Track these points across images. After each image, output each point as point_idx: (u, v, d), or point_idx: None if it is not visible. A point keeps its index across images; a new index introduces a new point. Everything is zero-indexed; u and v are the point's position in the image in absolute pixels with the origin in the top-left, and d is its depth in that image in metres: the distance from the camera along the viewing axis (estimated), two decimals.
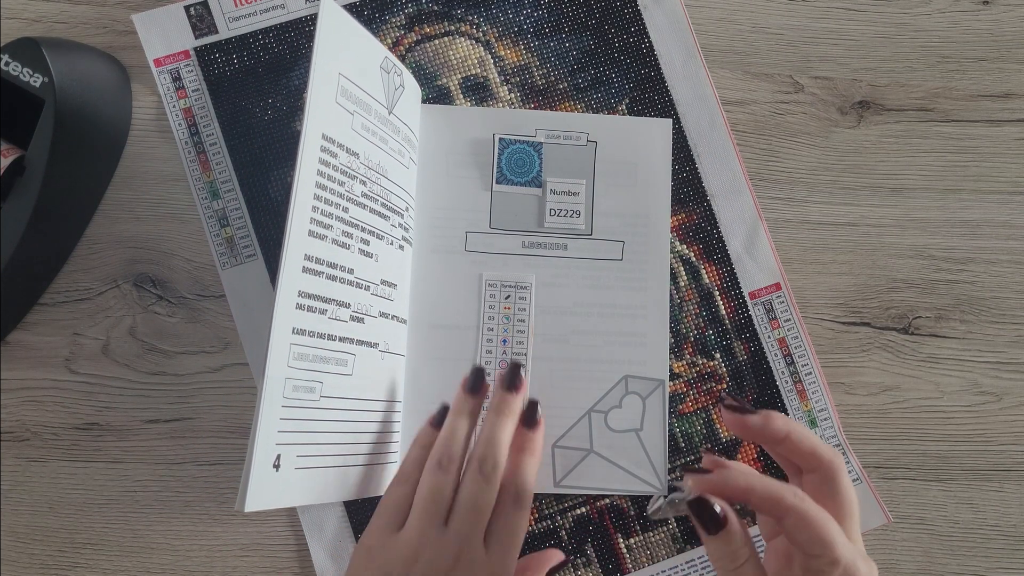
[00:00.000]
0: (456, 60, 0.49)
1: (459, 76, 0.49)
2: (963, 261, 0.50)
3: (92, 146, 0.46)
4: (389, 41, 0.49)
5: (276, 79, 0.48)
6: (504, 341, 0.45)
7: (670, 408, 0.48)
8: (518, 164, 0.47)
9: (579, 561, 0.47)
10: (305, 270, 0.37)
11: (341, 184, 0.38)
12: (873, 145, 0.51)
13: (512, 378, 0.41)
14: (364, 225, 0.40)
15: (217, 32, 0.48)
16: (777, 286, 0.49)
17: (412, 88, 0.46)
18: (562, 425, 0.46)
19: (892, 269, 0.50)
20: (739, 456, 0.48)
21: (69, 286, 0.47)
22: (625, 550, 0.47)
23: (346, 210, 0.39)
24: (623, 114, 0.49)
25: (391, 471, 0.44)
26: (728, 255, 0.49)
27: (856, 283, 0.50)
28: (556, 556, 0.45)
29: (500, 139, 0.47)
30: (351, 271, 0.39)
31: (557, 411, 0.46)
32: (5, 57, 0.43)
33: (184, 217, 0.48)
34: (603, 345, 0.46)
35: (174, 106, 0.48)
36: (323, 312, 0.37)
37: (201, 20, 0.48)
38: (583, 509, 0.47)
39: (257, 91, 0.48)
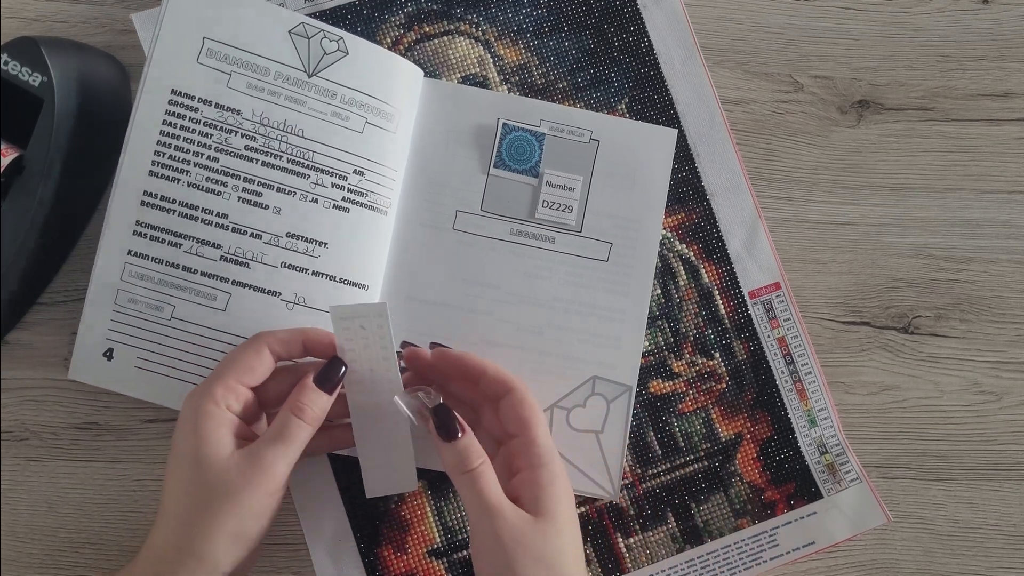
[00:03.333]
0: (455, 59, 0.49)
1: (458, 75, 0.49)
2: (963, 260, 0.50)
3: (92, 146, 0.46)
4: (388, 40, 0.49)
5: None
6: (371, 369, 0.40)
7: (670, 407, 0.48)
8: (518, 151, 0.47)
9: None
10: (145, 204, 0.43)
11: (205, 135, 0.43)
12: (873, 144, 0.51)
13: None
14: (251, 176, 0.44)
15: None
16: (777, 285, 0.49)
17: (370, 57, 0.46)
18: None
19: (892, 268, 0.50)
20: (738, 456, 0.48)
21: (69, 286, 0.47)
22: (624, 550, 0.47)
23: (214, 159, 0.43)
24: (623, 113, 0.49)
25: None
26: (728, 254, 0.49)
27: (856, 282, 0.50)
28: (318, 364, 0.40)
29: (504, 124, 0.47)
30: (224, 215, 0.44)
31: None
32: (4, 56, 0.43)
33: None
34: (576, 343, 0.46)
35: None
36: (176, 245, 0.43)
37: None
38: (582, 509, 0.47)
39: None
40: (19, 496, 0.46)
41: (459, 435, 0.38)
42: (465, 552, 0.46)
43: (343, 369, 0.39)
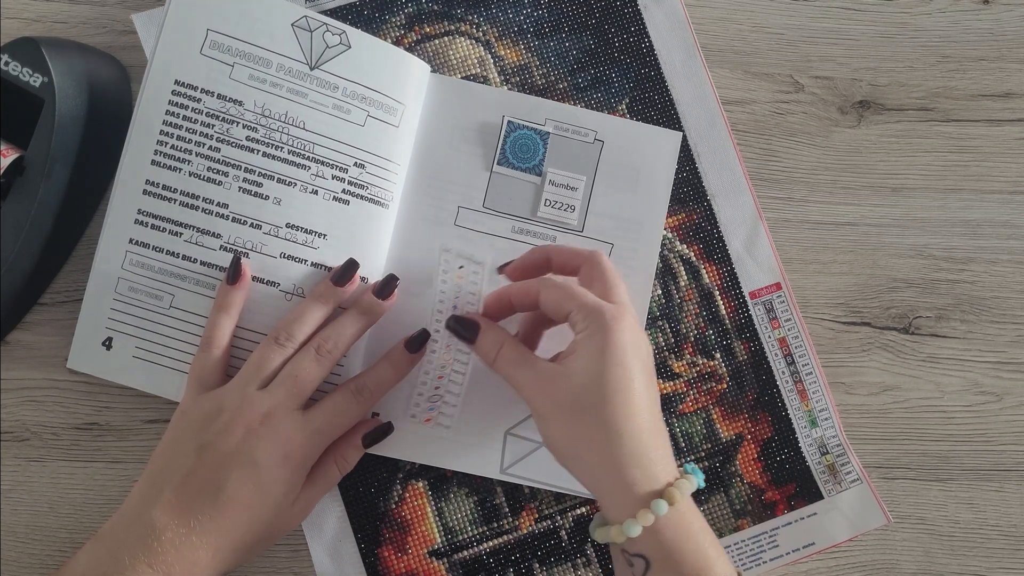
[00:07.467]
0: (456, 60, 0.49)
1: (459, 76, 0.49)
2: (964, 261, 0.50)
3: (92, 146, 0.46)
4: (389, 41, 0.49)
5: None
6: (454, 307, 0.45)
7: (670, 408, 0.48)
8: (522, 149, 0.47)
9: (579, 561, 0.47)
10: (147, 193, 0.44)
11: (207, 126, 0.44)
12: (873, 145, 0.51)
13: (384, 288, 0.43)
14: (251, 167, 0.44)
15: None
16: (777, 286, 0.49)
17: (373, 51, 0.46)
18: (518, 414, 0.46)
19: (893, 269, 0.50)
20: (739, 456, 0.48)
21: (69, 286, 0.47)
22: None
23: (215, 149, 0.44)
24: (623, 114, 0.49)
25: None
26: (728, 255, 0.49)
27: (856, 283, 0.50)
28: (370, 424, 0.45)
29: (509, 122, 0.47)
30: (224, 205, 0.44)
31: (516, 399, 0.45)
32: (5, 57, 0.44)
33: None
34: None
35: None
36: (176, 234, 0.44)
37: None
38: (583, 509, 0.47)
39: None
40: (20, 496, 0.46)
41: (477, 333, 0.41)
42: (465, 553, 0.46)
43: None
